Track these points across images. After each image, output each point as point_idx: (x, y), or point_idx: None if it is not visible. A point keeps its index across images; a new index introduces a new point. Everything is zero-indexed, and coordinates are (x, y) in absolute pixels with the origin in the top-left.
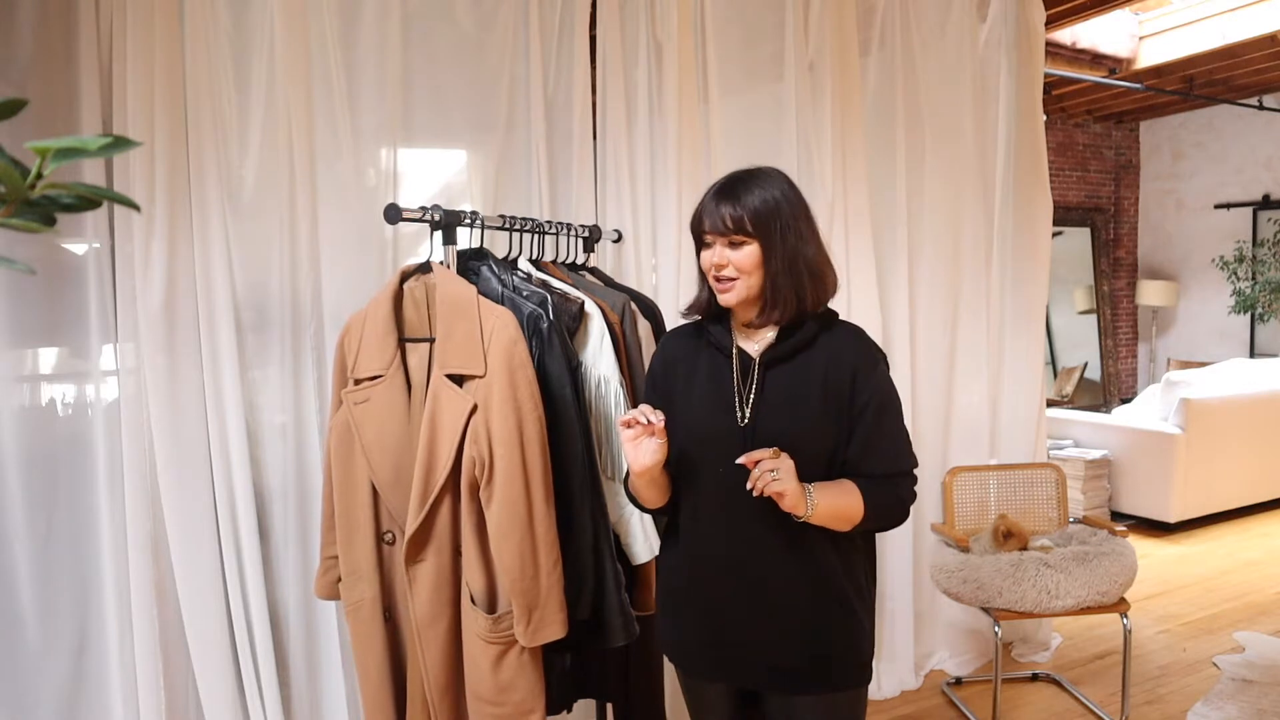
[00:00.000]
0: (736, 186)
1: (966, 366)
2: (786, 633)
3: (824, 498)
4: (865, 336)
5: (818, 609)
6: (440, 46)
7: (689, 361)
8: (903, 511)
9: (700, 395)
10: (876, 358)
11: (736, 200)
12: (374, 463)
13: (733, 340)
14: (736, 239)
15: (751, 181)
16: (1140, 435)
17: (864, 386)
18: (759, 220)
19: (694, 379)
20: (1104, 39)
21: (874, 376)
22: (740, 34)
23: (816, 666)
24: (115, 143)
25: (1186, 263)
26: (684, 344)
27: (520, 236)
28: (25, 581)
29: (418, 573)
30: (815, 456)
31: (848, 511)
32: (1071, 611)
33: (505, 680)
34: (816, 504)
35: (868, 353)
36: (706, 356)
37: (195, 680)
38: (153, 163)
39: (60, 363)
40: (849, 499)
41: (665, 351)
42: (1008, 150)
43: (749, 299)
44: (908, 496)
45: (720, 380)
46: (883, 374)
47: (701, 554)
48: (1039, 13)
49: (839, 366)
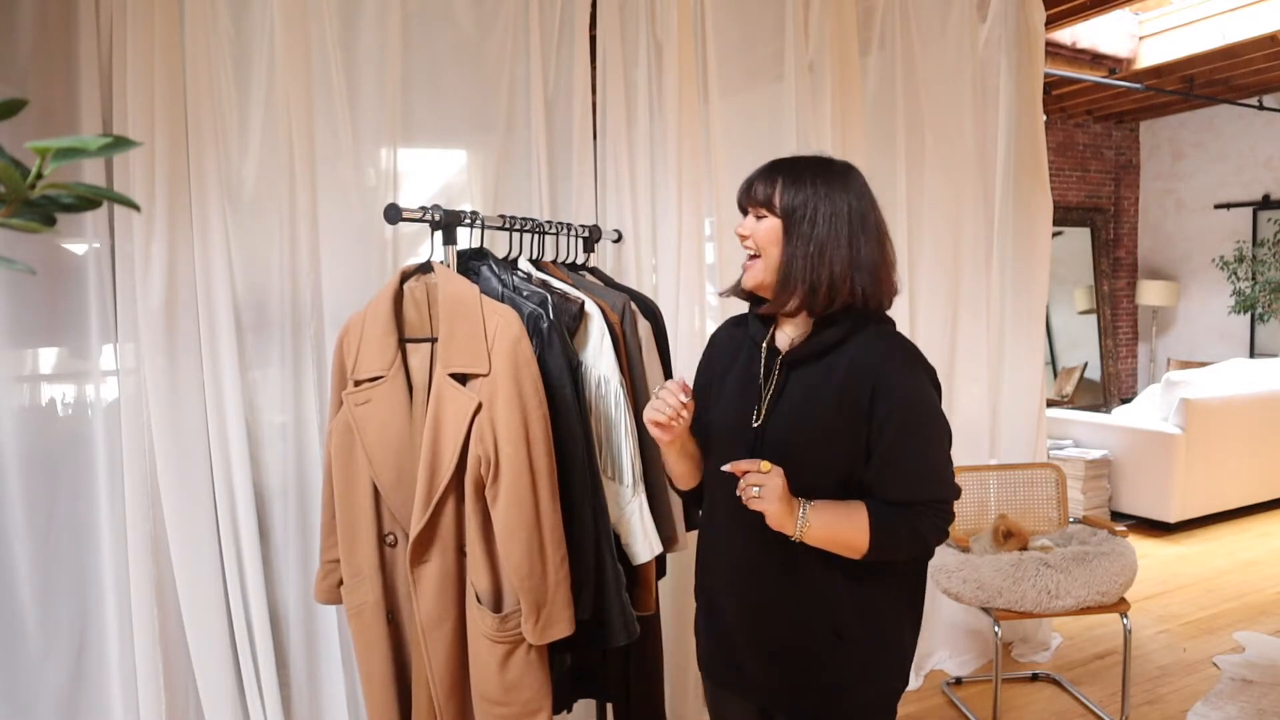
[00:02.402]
0: (790, 164)
1: (966, 366)
2: (775, 656)
3: (820, 518)
4: (902, 346)
5: (806, 636)
6: (440, 47)
7: (732, 353)
8: (922, 547)
9: (729, 390)
10: (909, 371)
11: (776, 175)
12: (376, 464)
13: (766, 333)
14: (760, 211)
15: (808, 165)
16: (1140, 435)
17: (886, 400)
18: (787, 197)
19: (730, 372)
20: (1104, 39)
21: (901, 391)
22: (740, 34)
23: (806, 698)
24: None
25: (1186, 263)
26: (730, 333)
27: (520, 236)
28: (25, 581)
29: (422, 574)
30: (824, 469)
31: (847, 536)
32: (1071, 611)
33: (512, 679)
34: (809, 524)
35: (898, 364)
36: (746, 349)
37: (195, 680)
38: (153, 163)
39: (60, 363)
40: (852, 523)
41: (713, 341)
42: (1008, 150)
43: (766, 283)
44: (928, 531)
45: (749, 376)
46: (915, 390)
47: (711, 561)
48: (1039, 13)
49: (861, 375)
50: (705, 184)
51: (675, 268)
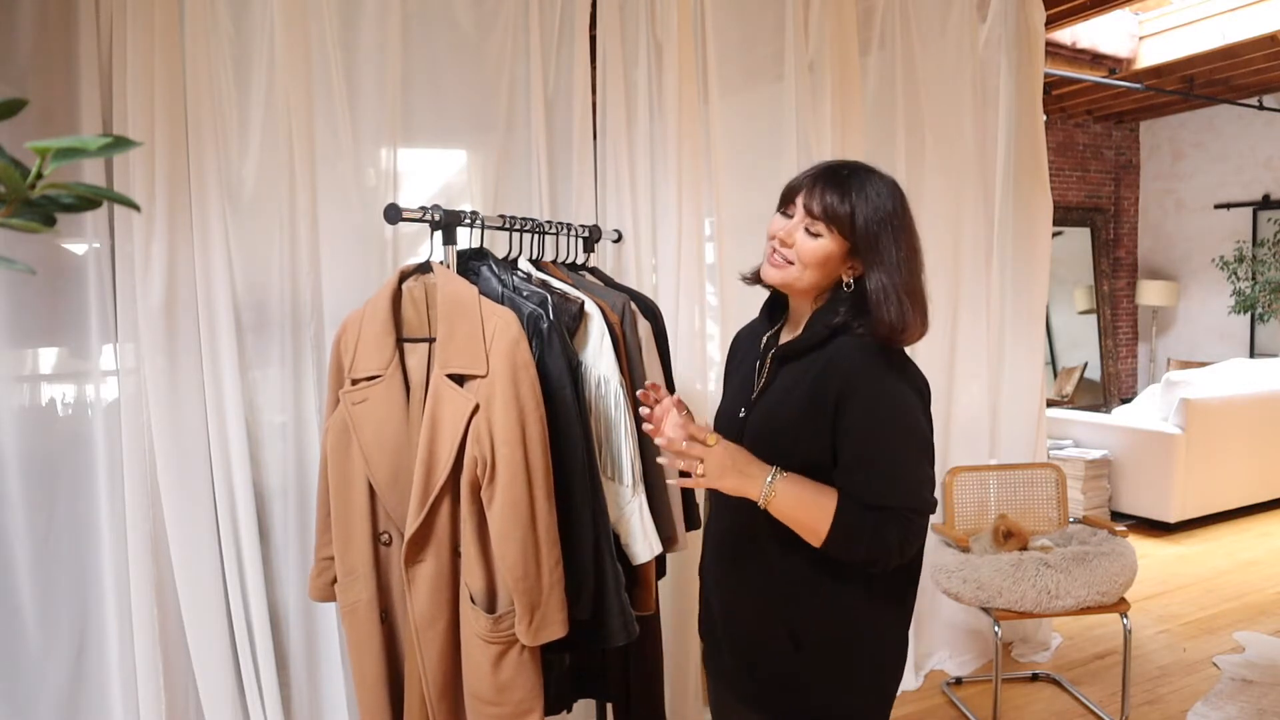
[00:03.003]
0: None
1: (966, 366)
2: (743, 651)
3: (788, 489)
4: (882, 350)
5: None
6: (440, 47)
7: (746, 348)
8: (882, 552)
9: (734, 384)
10: (885, 376)
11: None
12: (372, 463)
13: (771, 328)
14: (817, 228)
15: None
16: (1140, 435)
17: (853, 403)
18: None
19: (741, 366)
20: (1104, 39)
21: (872, 395)
22: (740, 34)
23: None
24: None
25: (1186, 263)
26: (748, 329)
27: (520, 236)
28: (25, 582)
29: (417, 574)
30: (787, 459)
31: (811, 514)
32: (1071, 611)
33: (505, 680)
34: (774, 493)
35: (869, 369)
36: (756, 344)
37: (195, 680)
38: (153, 163)
39: (60, 363)
40: (819, 504)
41: (737, 338)
42: (1008, 150)
43: (796, 289)
44: (892, 537)
45: (750, 370)
46: (888, 396)
47: (705, 554)
48: (1039, 13)
49: (831, 375)
50: (705, 184)
51: (675, 268)
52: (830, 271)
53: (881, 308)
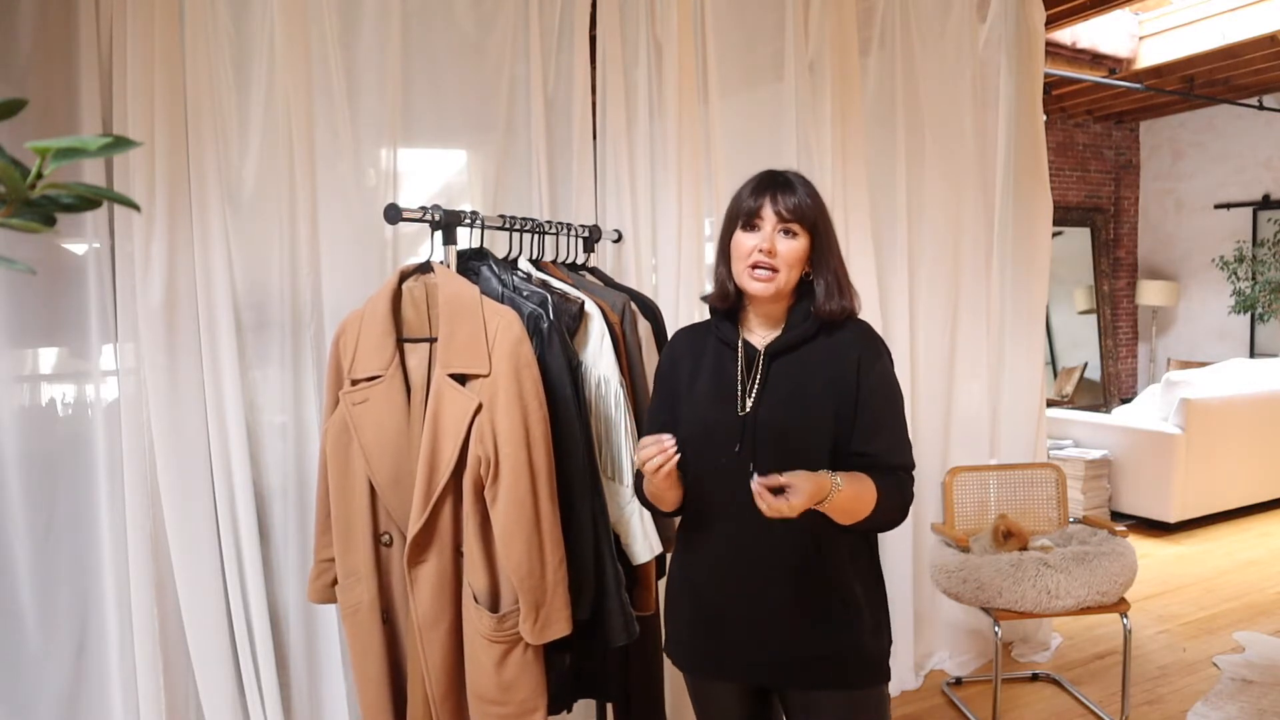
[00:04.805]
0: (791, 181)
1: (966, 366)
2: (793, 629)
3: (849, 483)
4: (869, 329)
5: (819, 605)
6: (440, 47)
7: (694, 357)
8: (904, 511)
9: (704, 388)
10: (880, 350)
11: (793, 192)
12: (373, 463)
13: (739, 334)
14: (792, 228)
15: (799, 181)
16: (1140, 435)
17: (868, 375)
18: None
19: (699, 373)
20: (1104, 39)
21: (878, 366)
22: (740, 34)
23: (825, 664)
24: (115, 143)
25: (1186, 263)
26: (690, 340)
27: (520, 236)
28: (25, 581)
29: (420, 574)
30: (817, 447)
31: (863, 498)
32: (1071, 611)
33: (509, 679)
34: (840, 489)
35: (871, 344)
36: (713, 351)
37: (195, 680)
38: (153, 163)
39: (60, 363)
40: (865, 487)
41: (672, 349)
42: (1008, 150)
43: (781, 293)
44: (909, 496)
45: (723, 373)
46: (886, 367)
47: (706, 549)
48: (1039, 13)
49: (842, 356)
50: (705, 184)
51: (675, 268)
52: (801, 268)
53: (843, 290)
